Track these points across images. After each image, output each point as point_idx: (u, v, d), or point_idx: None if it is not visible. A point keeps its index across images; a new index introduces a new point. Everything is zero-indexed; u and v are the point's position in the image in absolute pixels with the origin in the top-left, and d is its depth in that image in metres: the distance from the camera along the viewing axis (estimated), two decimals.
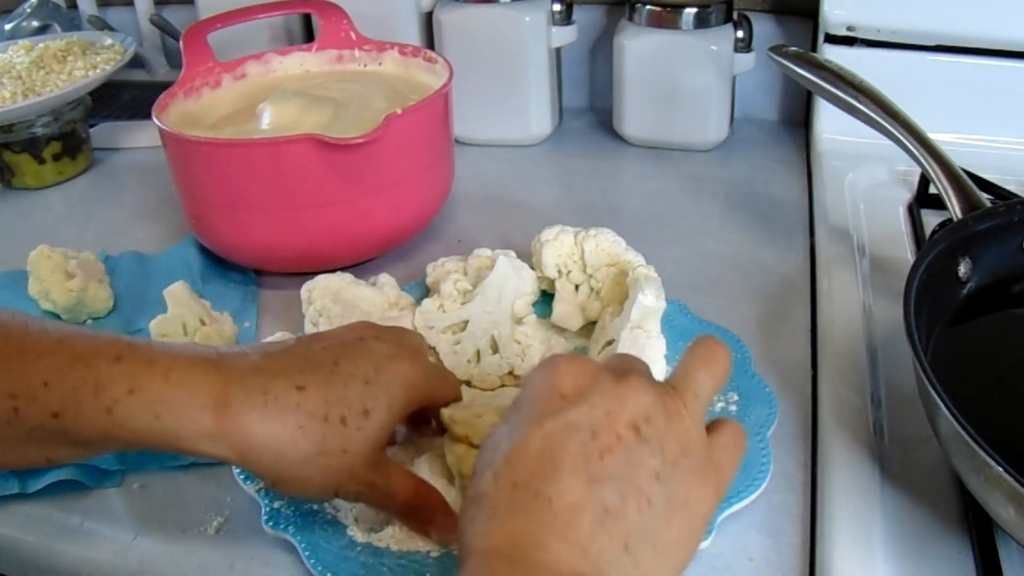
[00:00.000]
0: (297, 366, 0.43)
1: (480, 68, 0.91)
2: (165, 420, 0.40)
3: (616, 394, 0.36)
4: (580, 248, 0.64)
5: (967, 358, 0.53)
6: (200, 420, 0.40)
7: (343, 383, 0.43)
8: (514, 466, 0.35)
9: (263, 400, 0.41)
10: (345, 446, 0.43)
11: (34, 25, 1.13)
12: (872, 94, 0.65)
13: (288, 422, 0.41)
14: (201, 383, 0.41)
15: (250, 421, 0.41)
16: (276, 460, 0.42)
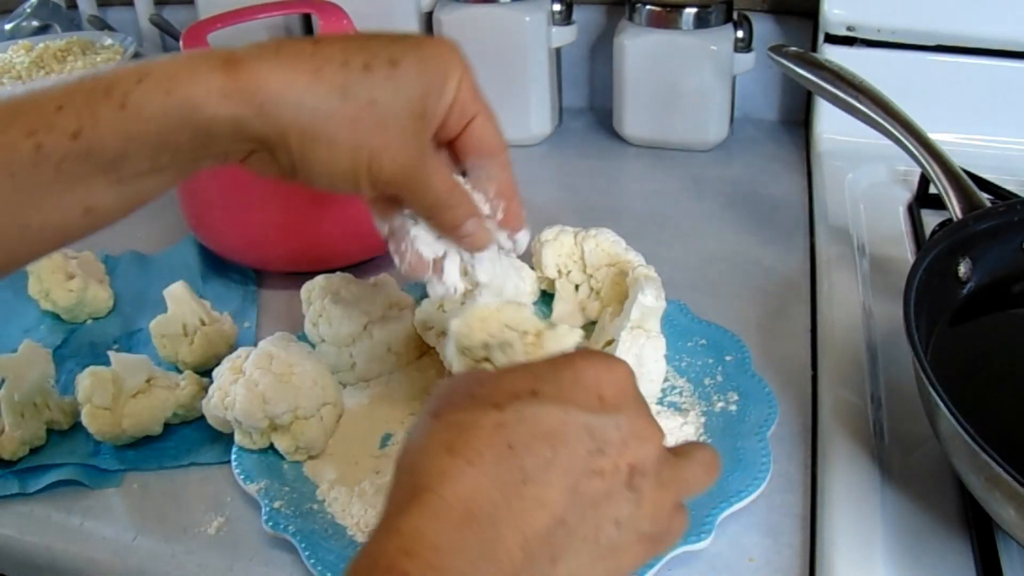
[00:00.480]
0: (313, 36, 0.40)
1: (480, 68, 0.90)
2: (177, 93, 0.37)
3: (640, 430, 0.36)
4: (580, 248, 0.64)
5: (967, 358, 0.53)
6: (211, 80, 0.37)
7: (365, 36, 0.40)
8: (519, 428, 0.33)
9: (274, 51, 0.38)
10: (373, 95, 0.39)
11: (34, 25, 1.13)
12: (872, 94, 0.65)
13: (302, 67, 0.38)
14: (209, 54, 0.38)
15: (262, 69, 0.38)
16: (296, 111, 0.38)
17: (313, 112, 0.39)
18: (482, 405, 0.34)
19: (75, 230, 0.40)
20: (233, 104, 0.38)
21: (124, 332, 0.68)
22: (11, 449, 0.55)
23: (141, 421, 0.56)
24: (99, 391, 0.55)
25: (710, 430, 0.54)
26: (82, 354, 0.66)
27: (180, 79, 0.37)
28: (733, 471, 0.50)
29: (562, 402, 0.34)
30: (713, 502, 0.48)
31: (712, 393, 0.56)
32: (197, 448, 0.57)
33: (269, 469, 0.53)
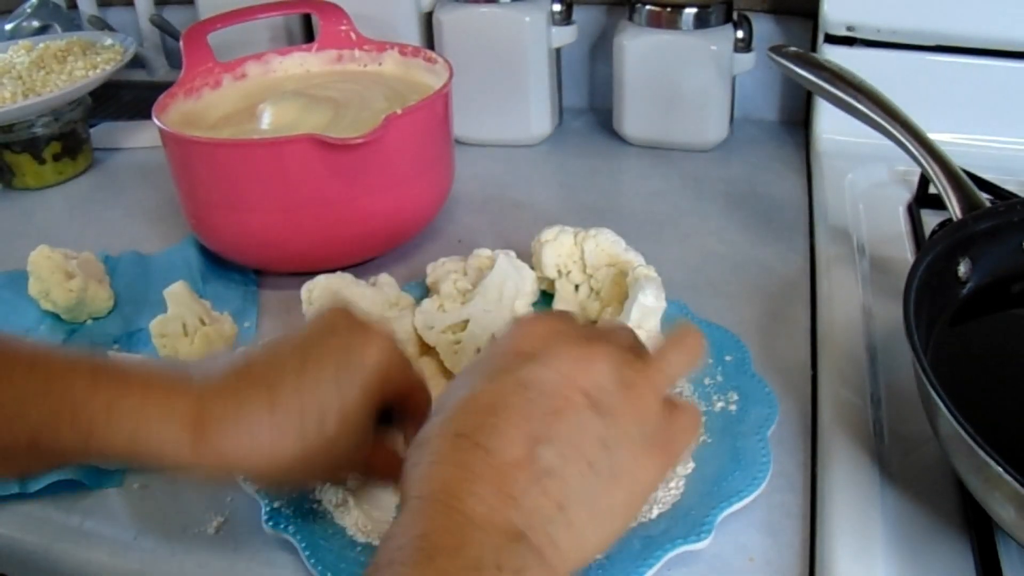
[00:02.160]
0: (267, 375, 0.42)
1: (480, 68, 0.91)
2: (141, 441, 0.39)
3: (575, 358, 0.36)
4: (580, 248, 0.64)
5: (967, 358, 0.53)
6: (178, 437, 0.40)
7: (314, 386, 0.42)
8: (461, 416, 0.35)
9: (236, 408, 0.41)
10: (329, 448, 0.42)
11: (34, 25, 1.12)
12: (872, 94, 0.65)
13: (263, 436, 0.41)
14: (176, 400, 0.40)
15: (227, 436, 0.40)
16: (259, 470, 0.42)
17: (277, 469, 0.42)
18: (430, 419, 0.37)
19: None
20: (194, 464, 0.40)
21: (124, 332, 0.68)
22: None
23: None
24: None
25: (710, 430, 0.54)
26: None
27: (150, 428, 0.39)
28: (733, 471, 0.50)
29: (488, 375, 0.37)
30: (713, 502, 0.48)
31: (712, 393, 0.56)
32: None
33: None
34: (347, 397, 0.43)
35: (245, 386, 0.42)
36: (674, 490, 0.50)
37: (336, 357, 0.43)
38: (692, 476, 0.50)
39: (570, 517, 0.34)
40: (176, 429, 0.40)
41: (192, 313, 0.62)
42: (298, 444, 0.41)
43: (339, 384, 0.42)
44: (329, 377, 0.42)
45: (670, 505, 0.49)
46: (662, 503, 0.49)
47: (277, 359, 0.43)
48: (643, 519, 0.48)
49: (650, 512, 0.48)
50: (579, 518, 0.34)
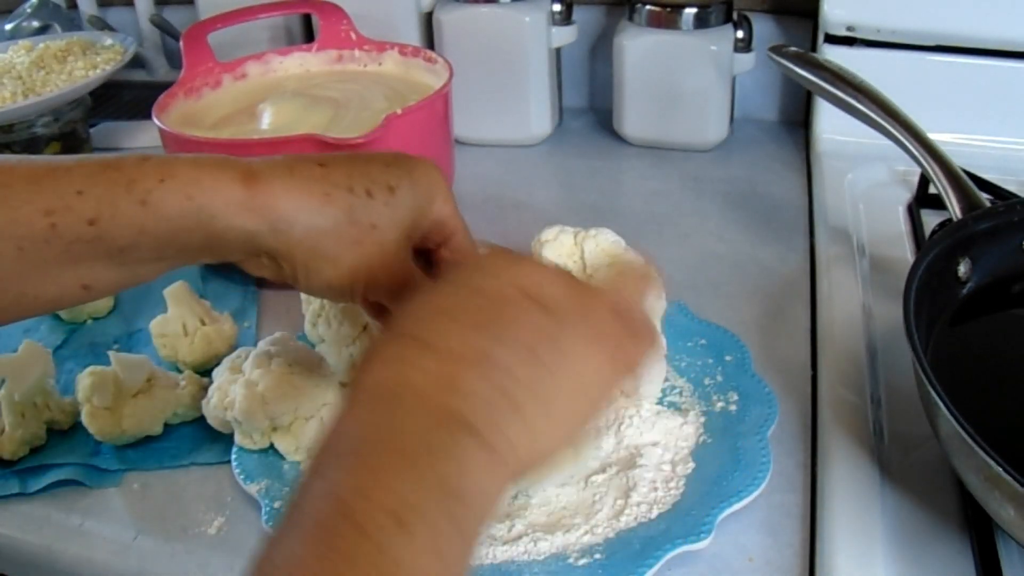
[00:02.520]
0: (320, 158, 0.44)
1: (480, 68, 0.91)
2: (198, 199, 0.40)
3: (525, 268, 0.37)
4: (580, 248, 0.64)
5: (967, 358, 0.53)
6: (231, 193, 0.40)
7: (365, 161, 0.44)
8: (411, 319, 0.35)
9: (287, 171, 0.42)
10: (374, 220, 0.43)
11: (34, 25, 1.12)
12: (872, 94, 0.65)
13: (314, 190, 0.42)
14: (229, 164, 0.41)
15: (278, 190, 0.41)
16: (306, 230, 0.41)
17: (322, 233, 0.42)
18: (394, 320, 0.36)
19: (68, 301, 0.43)
20: (250, 218, 0.41)
21: (124, 332, 0.68)
22: (11, 449, 0.56)
23: (141, 421, 0.56)
24: (99, 391, 0.55)
25: (710, 430, 0.54)
26: (82, 354, 0.66)
27: (203, 186, 0.40)
28: (733, 471, 0.50)
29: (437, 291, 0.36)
30: (713, 502, 0.48)
31: (712, 393, 0.56)
32: (197, 448, 0.57)
33: (269, 469, 0.53)
34: (397, 183, 0.44)
35: (296, 160, 0.43)
36: (674, 490, 0.50)
37: (391, 158, 0.45)
38: (692, 476, 0.50)
39: (517, 402, 0.33)
40: (229, 185, 0.40)
41: (192, 313, 0.62)
42: (344, 211, 0.42)
43: (389, 169, 0.44)
44: (380, 159, 0.44)
45: (670, 505, 0.49)
46: (662, 503, 0.49)
47: (334, 155, 0.45)
48: (643, 519, 0.48)
49: (650, 512, 0.48)
50: (527, 404, 0.33)
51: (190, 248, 0.41)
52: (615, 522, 0.48)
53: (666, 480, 0.50)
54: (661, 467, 0.51)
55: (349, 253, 0.43)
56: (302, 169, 0.42)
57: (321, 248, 0.42)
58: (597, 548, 0.46)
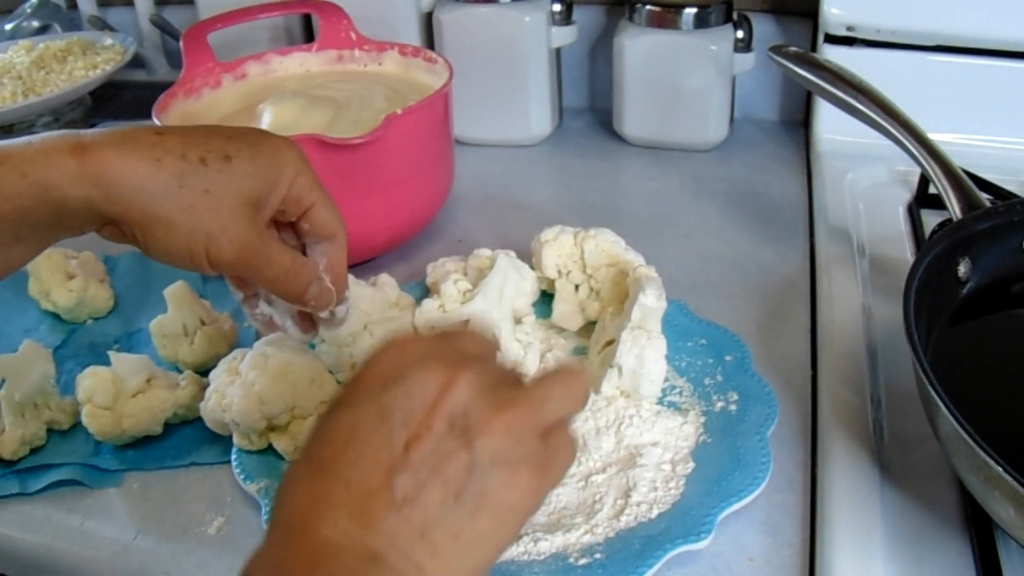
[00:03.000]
0: (159, 129, 0.45)
1: (480, 68, 0.91)
2: (31, 175, 0.41)
3: (439, 383, 0.35)
4: (580, 248, 0.64)
5: (967, 358, 0.53)
6: (62, 164, 0.41)
7: (204, 132, 0.45)
8: (324, 446, 0.34)
9: (120, 139, 0.42)
10: (207, 186, 0.43)
11: (34, 25, 1.13)
12: (872, 94, 0.65)
13: (145, 156, 0.42)
14: (60, 138, 0.42)
15: (108, 156, 0.42)
16: (137, 193, 0.42)
17: (152, 196, 0.43)
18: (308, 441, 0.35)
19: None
20: (83, 186, 0.42)
21: (124, 332, 0.68)
22: (11, 449, 0.56)
23: (141, 421, 0.56)
24: (99, 391, 0.55)
25: (710, 430, 0.54)
26: (82, 354, 0.66)
27: (35, 163, 0.41)
28: (733, 471, 0.50)
29: (350, 403, 0.35)
30: (713, 502, 0.48)
31: (712, 393, 0.56)
32: (197, 448, 0.57)
33: (269, 469, 0.53)
34: (237, 153, 0.44)
35: (132, 130, 0.44)
36: (674, 490, 0.50)
37: (235, 131, 0.46)
38: (692, 476, 0.50)
39: (435, 545, 0.33)
40: (60, 156, 0.41)
41: (192, 313, 0.62)
42: (175, 176, 0.43)
43: (231, 140, 0.45)
44: (223, 133, 0.45)
45: (670, 505, 0.49)
46: (662, 503, 0.49)
47: (174, 125, 0.46)
48: (643, 519, 0.48)
49: (650, 512, 0.48)
50: (445, 546, 0.33)
51: (40, 224, 0.43)
52: (615, 522, 0.48)
53: (666, 480, 0.50)
54: (661, 467, 0.51)
55: (182, 216, 0.43)
56: (135, 136, 0.43)
57: (153, 211, 0.43)
58: (597, 548, 0.46)
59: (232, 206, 0.44)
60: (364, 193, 0.68)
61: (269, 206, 0.47)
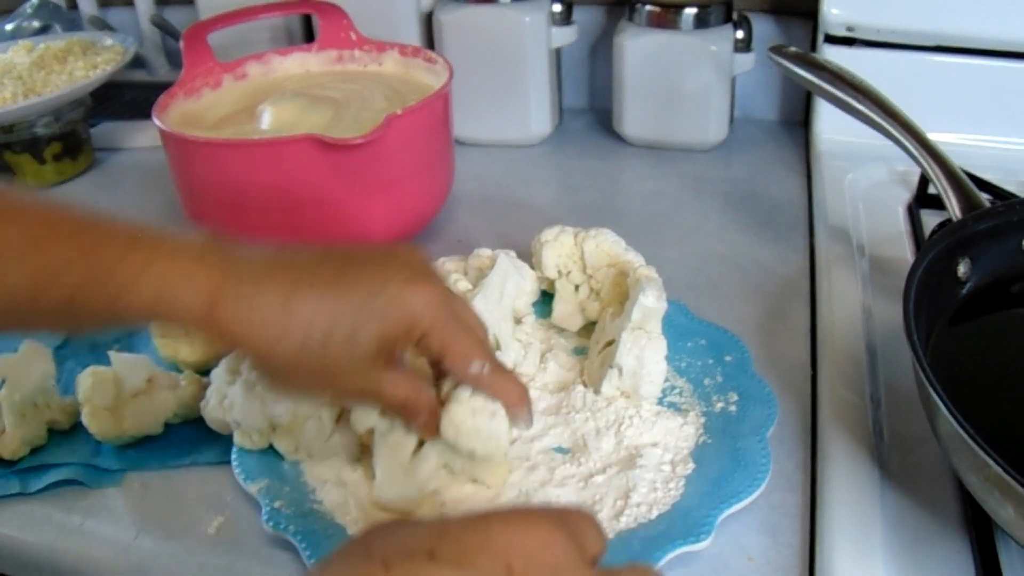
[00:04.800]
0: (297, 275, 0.44)
1: (480, 68, 0.91)
2: (159, 310, 0.42)
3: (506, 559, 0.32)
4: (580, 248, 0.64)
5: (967, 358, 0.53)
6: (193, 310, 0.42)
7: (334, 301, 0.43)
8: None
9: (248, 305, 0.42)
10: (325, 362, 0.43)
11: (35, 25, 1.12)
12: (872, 94, 0.65)
13: (270, 326, 0.42)
14: (202, 267, 0.42)
15: (238, 320, 0.42)
16: (260, 356, 0.44)
17: (276, 357, 0.43)
18: (371, 560, 0.32)
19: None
20: (205, 333, 0.43)
21: (124, 332, 0.68)
22: (12, 449, 0.56)
23: (141, 421, 0.56)
24: (100, 391, 0.55)
25: (710, 430, 0.54)
26: (83, 354, 0.66)
27: (171, 292, 0.42)
28: (733, 471, 0.50)
29: (460, 567, 0.31)
30: (713, 502, 0.48)
31: (712, 393, 0.56)
32: (197, 448, 0.57)
33: (269, 469, 0.53)
34: (362, 330, 0.43)
35: (269, 278, 0.43)
36: (674, 490, 0.50)
37: (371, 287, 0.44)
38: (692, 476, 0.50)
39: None
40: (192, 299, 0.42)
41: None
42: (297, 350, 0.43)
43: (359, 314, 0.43)
44: (354, 302, 0.43)
45: (670, 505, 0.49)
46: (662, 504, 0.49)
47: (315, 263, 0.45)
48: (643, 519, 0.48)
49: (650, 512, 0.48)
50: None
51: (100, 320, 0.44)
52: (615, 522, 0.48)
53: (666, 480, 0.50)
54: (661, 467, 0.51)
55: (304, 376, 0.45)
56: (263, 304, 0.42)
57: (275, 366, 0.45)
58: None
59: (348, 372, 0.44)
60: (364, 193, 0.68)
61: (395, 349, 0.46)
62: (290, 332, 0.42)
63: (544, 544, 0.33)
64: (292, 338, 0.42)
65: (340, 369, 0.44)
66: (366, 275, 0.44)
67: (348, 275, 0.44)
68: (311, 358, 0.43)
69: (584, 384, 0.58)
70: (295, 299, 0.42)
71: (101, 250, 0.41)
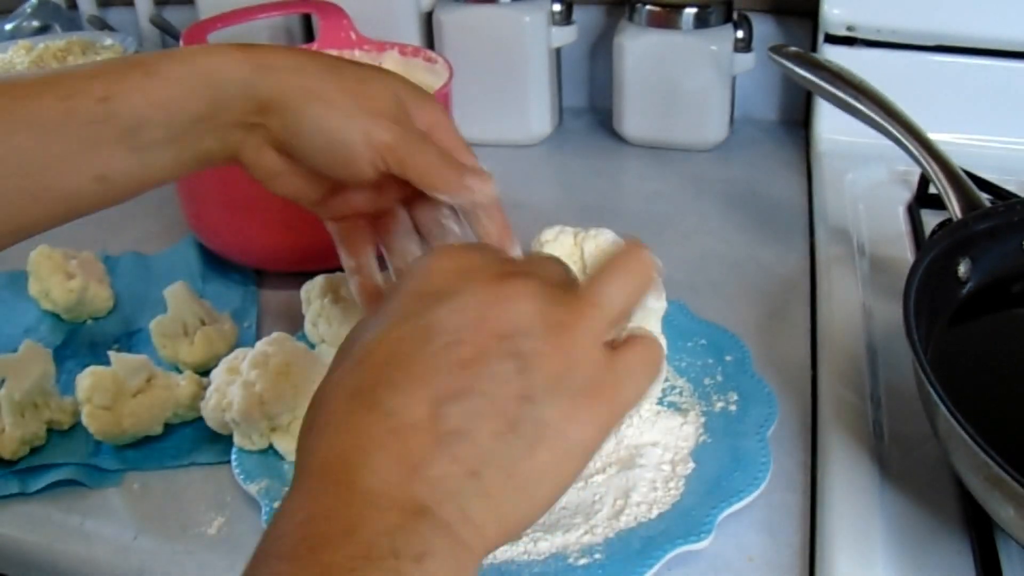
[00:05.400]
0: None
1: (480, 68, 0.91)
2: (198, 63, 0.43)
3: (493, 296, 0.31)
4: (580, 248, 0.64)
5: (967, 358, 0.53)
6: (229, 53, 0.44)
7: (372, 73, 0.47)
8: (360, 369, 0.31)
9: (281, 46, 0.47)
10: (361, 77, 0.45)
11: (34, 25, 1.12)
12: (872, 94, 0.65)
13: (303, 53, 0.46)
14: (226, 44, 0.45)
15: (271, 50, 0.45)
16: (295, 73, 0.44)
17: (310, 76, 0.44)
18: (338, 362, 0.33)
19: (85, 199, 0.43)
20: (244, 67, 0.43)
21: (124, 332, 0.68)
22: (11, 449, 0.55)
23: (141, 421, 0.56)
24: (99, 391, 0.55)
25: (710, 430, 0.54)
26: (82, 354, 0.66)
27: (204, 53, 0.44)
28: (733, 471, 0.50)
29: (393, 319, 0.32)
30: (713, 502, 0.48)
31: (712, 393, 0.56)
32: (197, 448, 0.57)
33: (269, 469, 0.53)
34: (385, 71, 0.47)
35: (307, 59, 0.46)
36: (674, 490, 0.50)
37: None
38: (692, 476, 0.50)
39: (485, 485, 0.29)
40: (227, 50, 0.44)
41: (192, 313, 0.62)
42: (333, 67, 0.45)
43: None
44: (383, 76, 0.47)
45: (670, 505, 0.49)
46: (662, 503, 0.49)
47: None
48: (643, 519, 0.48)
49: (650, 512, 0.48)
50: (497, 486, 0.29)
51: (195, 120, 0.43)
52: (615, 522, 0.48)
53: (666, 480, 0.50)
54: (661, 467, 0.51)
55: (340, 96, 0.44)
56: (292, 48, 0.47)
57: (312, 87, 0.43)
58: (597, 548, 0.46)
59: (389, 95, 0.45)
60: None
61: (418, 118, 0.46)
62: (323, 55, 0.46)
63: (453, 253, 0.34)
64: (326, 57, 0.46)
65: (378, 94, 0.45)
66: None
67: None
68: (348, 76, 0.45)
69: None
70: (332, 60, 0.46)
71: (127, 60, 0.45)
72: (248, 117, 0.44)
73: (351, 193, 0.49)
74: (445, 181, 0.45)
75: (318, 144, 0.44)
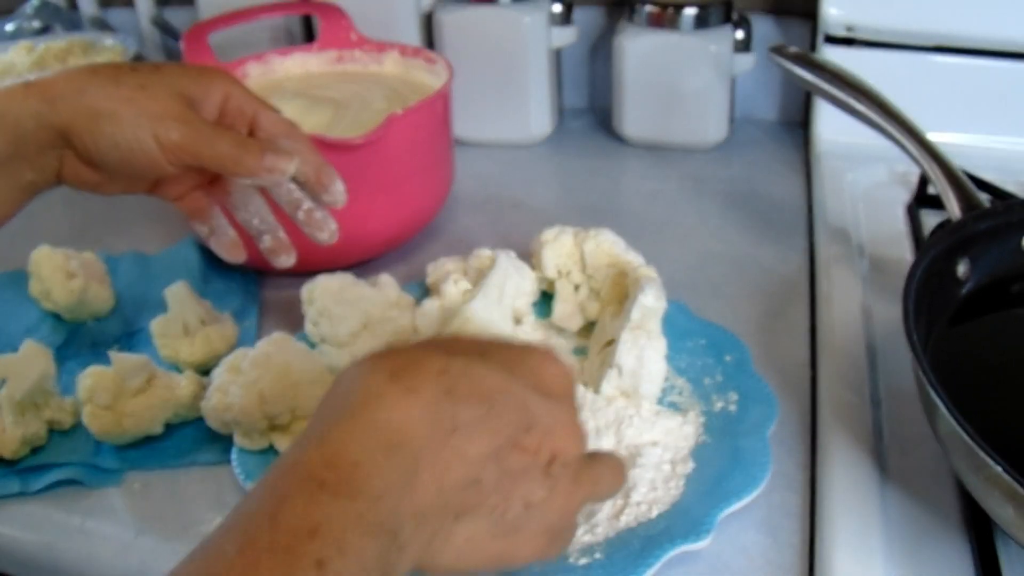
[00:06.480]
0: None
1: (480, 68, 0.91)
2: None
3: (569, 425, 0.37)
4: (580, 249, 0.64)
5: (967, 358, 0.53)
6: (13, 92, 0.47)
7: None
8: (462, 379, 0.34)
9: (61, 70, 0.48)
10: (142, 82, 0.48)
11: (35, 26, 1.12)
12: (872, 94, 0.65)
13: (82, 71, 0.48)
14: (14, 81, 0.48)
15: (50, 78, 0.47)
16: (79, 95, 0.47)
17: (92, 95, 0.47)
18: (433, 349, 0.35)
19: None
20: (31, 102, 0.46)
21: (125, 332, 0.68)
22: (12, 448, 0.56)
23: (142, 421, 0.56)
24: (100, 391, 0.55)
25: (710, 430, 0.54)
26: (83, 354, 0.66)
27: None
28: (733, 471, 0.50)
29: (507, 370, 0.35)
30: (713, 502, 0.48)
31: (712, 393, 0.57)
32: (197, 447, 0.57)
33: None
34: (161, 66, 0.50)
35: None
36: (674, 490, 0.50)
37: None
38: (692, 476, 0.51)
39: (453, 533, 0.34)
40: (11, 87, 0.47)
41: (193, 313, 0.63)
42: (111, 79, 0.47)
43: (158, 64, 0.51)
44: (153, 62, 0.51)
45: (670, 505, 0.49)
46: (662, 503, 0.49)
47: None
48: (643, 519, 0.48)
49: (650, 512, 0.48)
50: (457, 537, 0.34)
51: (6, 159, 0.46)
52: (615, 522, 0.48)
53: (666, 480, 0.50)
54: (661, 467, 0.51)
55: (124, 106, 0.47)
56: (72, 69, 0.48)
57: (96, 106, 0.46)
58: (597, 548, 0.46)
59: (169, 95, 0.48)
60: (364, 193, 0.68)
61: (206, 110, 0.50)
62: (102, 68, 0.48)
63: (568, 372, 0.38)
64: (103, 70, 0.48)
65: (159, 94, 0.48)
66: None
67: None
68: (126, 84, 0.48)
69: (584, 384, 0.58)
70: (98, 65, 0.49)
71: None
72: (53, 145, 0.47)
73: (173, 180, 0.53)
74: (243, 167, 0.49)
75: (117, 157, 0.48)
